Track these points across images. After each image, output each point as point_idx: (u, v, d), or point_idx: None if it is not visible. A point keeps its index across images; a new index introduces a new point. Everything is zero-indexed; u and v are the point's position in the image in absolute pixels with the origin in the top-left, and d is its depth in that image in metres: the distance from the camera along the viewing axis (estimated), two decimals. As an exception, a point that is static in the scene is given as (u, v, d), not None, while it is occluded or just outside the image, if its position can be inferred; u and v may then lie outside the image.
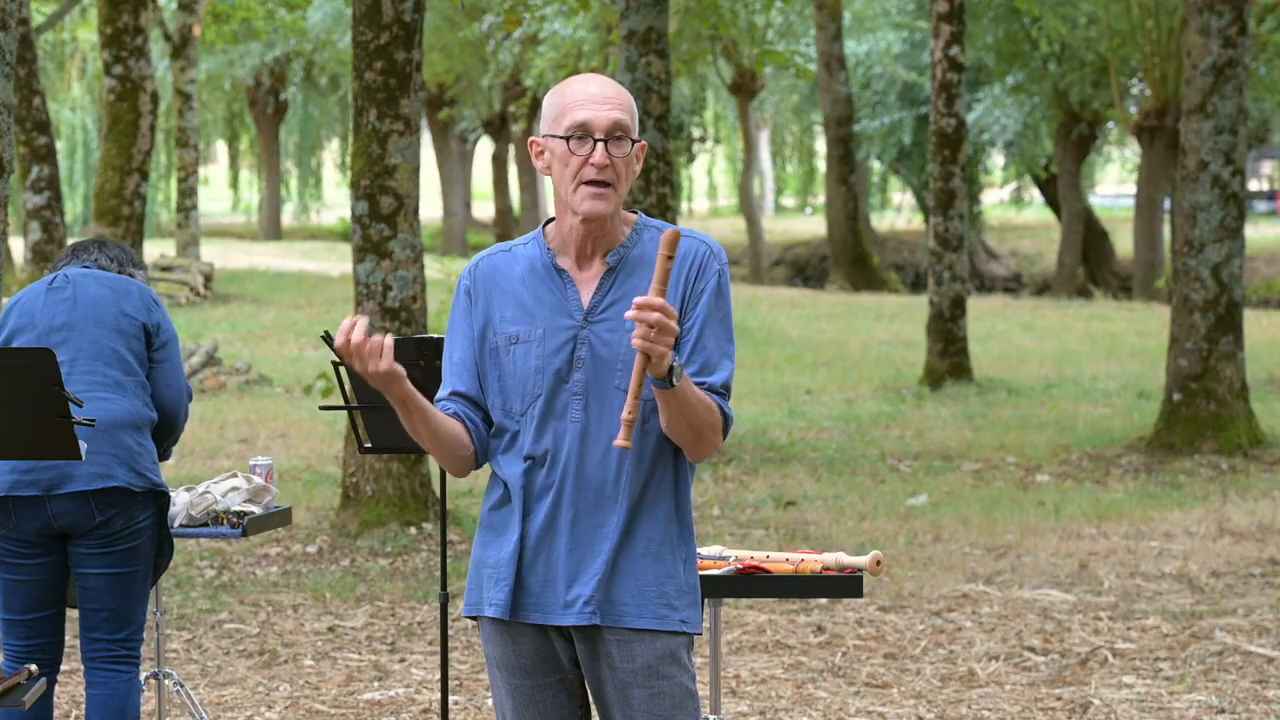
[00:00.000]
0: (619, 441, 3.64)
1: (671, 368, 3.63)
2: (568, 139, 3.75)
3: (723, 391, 3.79)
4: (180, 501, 5.91)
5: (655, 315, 3.56)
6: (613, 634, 3.79)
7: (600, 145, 3.74)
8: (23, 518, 5.38)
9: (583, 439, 3.77)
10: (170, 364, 5.58)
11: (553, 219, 3.87)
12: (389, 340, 3.70)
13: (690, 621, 3.84)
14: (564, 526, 3.78)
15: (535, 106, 38.89)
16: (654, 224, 3.87)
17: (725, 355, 3.80)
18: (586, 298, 3.80)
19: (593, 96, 3.76)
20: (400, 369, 3.73)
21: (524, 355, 3.80)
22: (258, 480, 6.02)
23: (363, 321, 3.69)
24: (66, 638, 5.80)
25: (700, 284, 3.77)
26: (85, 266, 5.67)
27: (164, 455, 5.68)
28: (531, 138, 3.87)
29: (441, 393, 3.89)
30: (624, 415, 3.64)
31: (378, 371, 3.69)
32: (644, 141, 3.85)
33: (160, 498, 5.51)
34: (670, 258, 3.61)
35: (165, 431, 5.61)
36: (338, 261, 33.27)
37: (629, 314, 3.58)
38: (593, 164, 3.74)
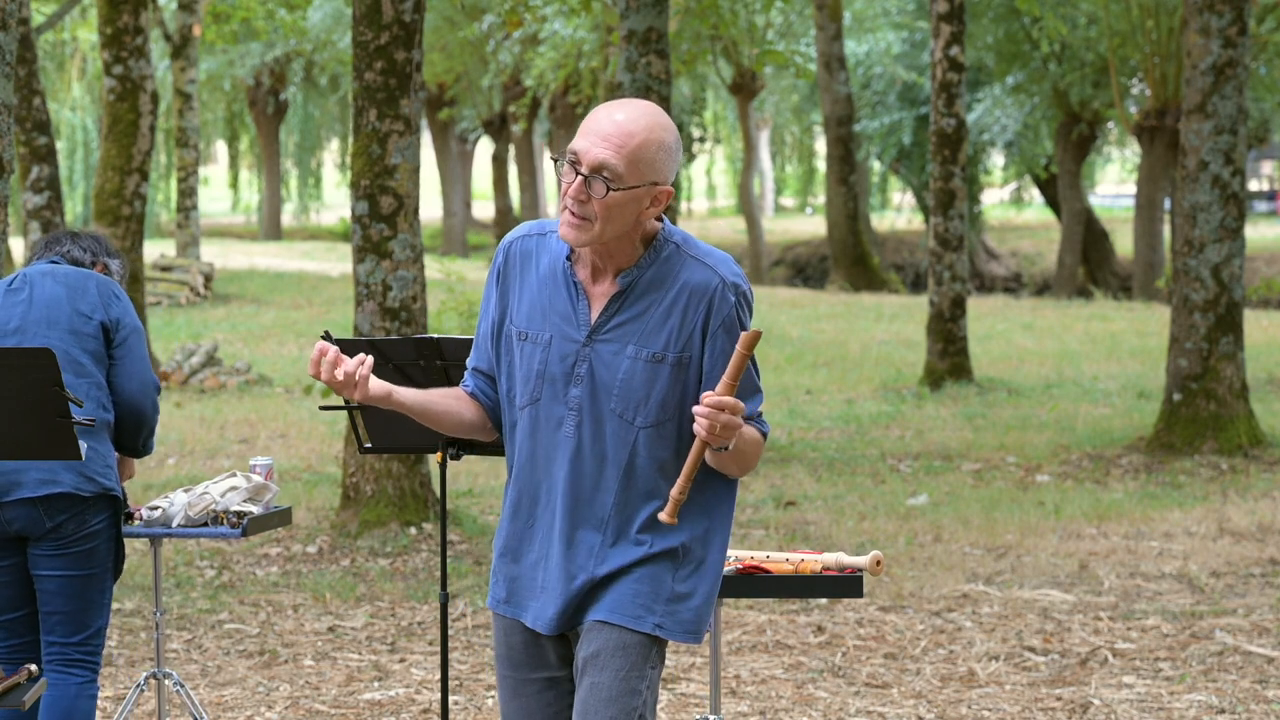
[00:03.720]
0: (664, 517, 3.68)
1: None
2: (562, 160, 3.74)
3: (756, 418, 3.81)
4: (179, 502, 5.90)
5: (725, 416, 3.59)
6: (585, 628, 3.79)
7: (580, 179, 3.70)
8: None
9: (575, 455, 3.78)
10: (131, 358, 5.51)
11: None
12: (365, 368, 3.71)
13: (665, 628, 3.78)
14: (557, 539, 3.80)
15: (535, 106, 38.92)
16: (676, 239, 3.81)
17: (754, 389, 3.81)
18: (595, 313, 3.80)
19: (600, 130, 3.70)
20: (383, 389, 3.76)
21: (530, 354, 3.83)
22: (257, 479, 6.01)
23: (331, 353, 3.70)
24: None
25: (714, 321, 3.76)
26: (53, 261, 5.61)
27: (143, 450, 5.63)
28: None
29: (468, 365, 3.99)
30: (674, 493, 3.65)
31: (357, 400, 3.76)
32: (664, 188, 3.74)
33: (114, 502, 5.47)
34: (747, 355, 3.61)
35: (134, 426, 5.55)
36: (338, 261, 33.27)
37: (698, 409, 3.60)
38: (569, 194, 3.72)
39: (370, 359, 3.72)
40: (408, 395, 3.83)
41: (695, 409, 3.61)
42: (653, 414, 3.75)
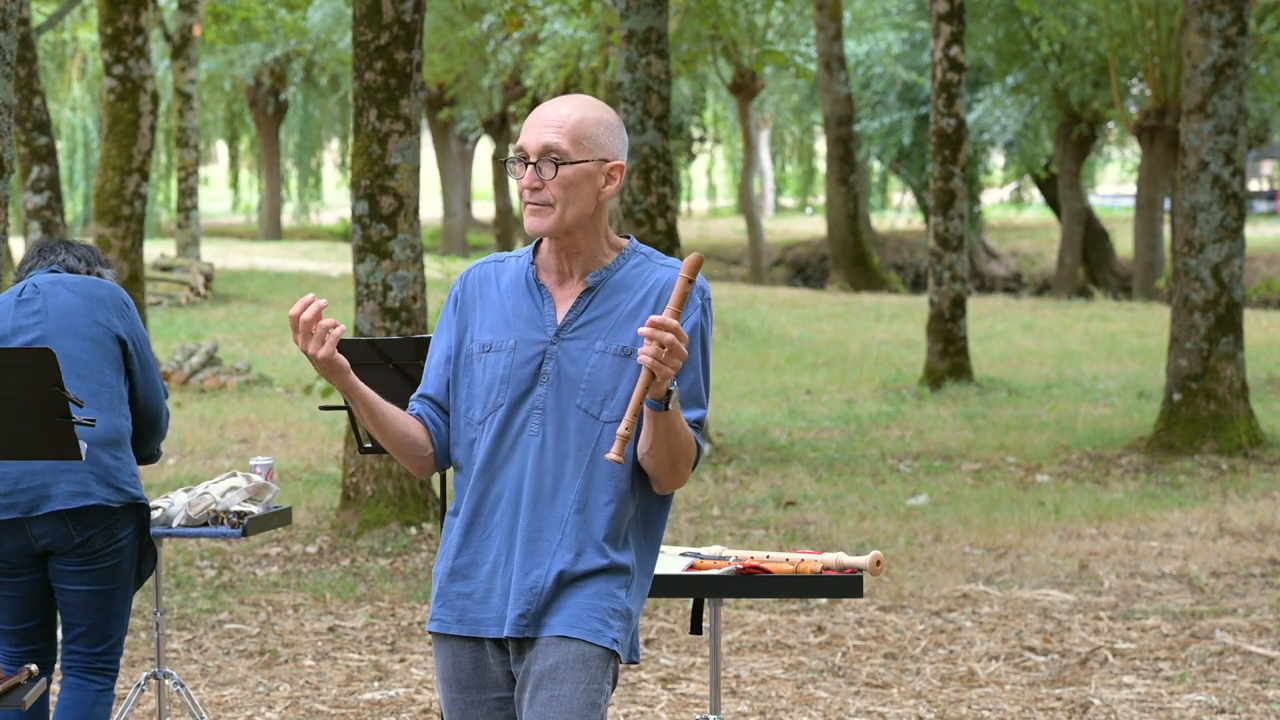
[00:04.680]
0: (611, 455, 3.65)
1: (669, 391, 3.66)
2: (513, 161, 3.82)
3: (695, 426, 3.80)
4: (179, 502, 5.90)
5: (669, 336, 3.58)
6: (541, 642, 3.77)
7: (530, 168, 3.78)
8: (2, 540, 5.34)
9: (540, 454, 3.78)
10: (147, 370, 5.51)
11: None
12: (337, 330, 3.73)
13: (620, 644, 3.80)
14: (520, 539, 3.78)
15: (535, 106, 38.89)
16: (644, 251, 3.89)
17: (701, 395, 3.83)
18: (561, 314, 3.83)
19: (539, 120, 3.81)
20: (343, 362, 3.76)
21: (494, 364, 3.83)
22: (257, 479, 6.01)
23: (320, 303, 3.72)
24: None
25: (681, 319, 3.76)
26: (52, 270, 5.59)
27: (154, 456, 5.64)
28: None
29: (415, 394, 3.96)
30: (620, 430, 3.64)
31: (315, 356, 3.73)
32: (615, 162, 3.82)
33: (141, 511, 5.46)
34: (691, 281, 3.64)
35: (149, 433, 5.56)
36: (338, 261, 33.27)
37: (642, 330, 3.60)
38: (524, 185, 3.80)
39: (342, 326, 3.74)
40: (363, 386, 3.83)
41: (640, 330, 3.61)
42: (618, 408, 3.76)
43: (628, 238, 3.92)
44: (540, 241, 3.90)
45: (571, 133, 3.78)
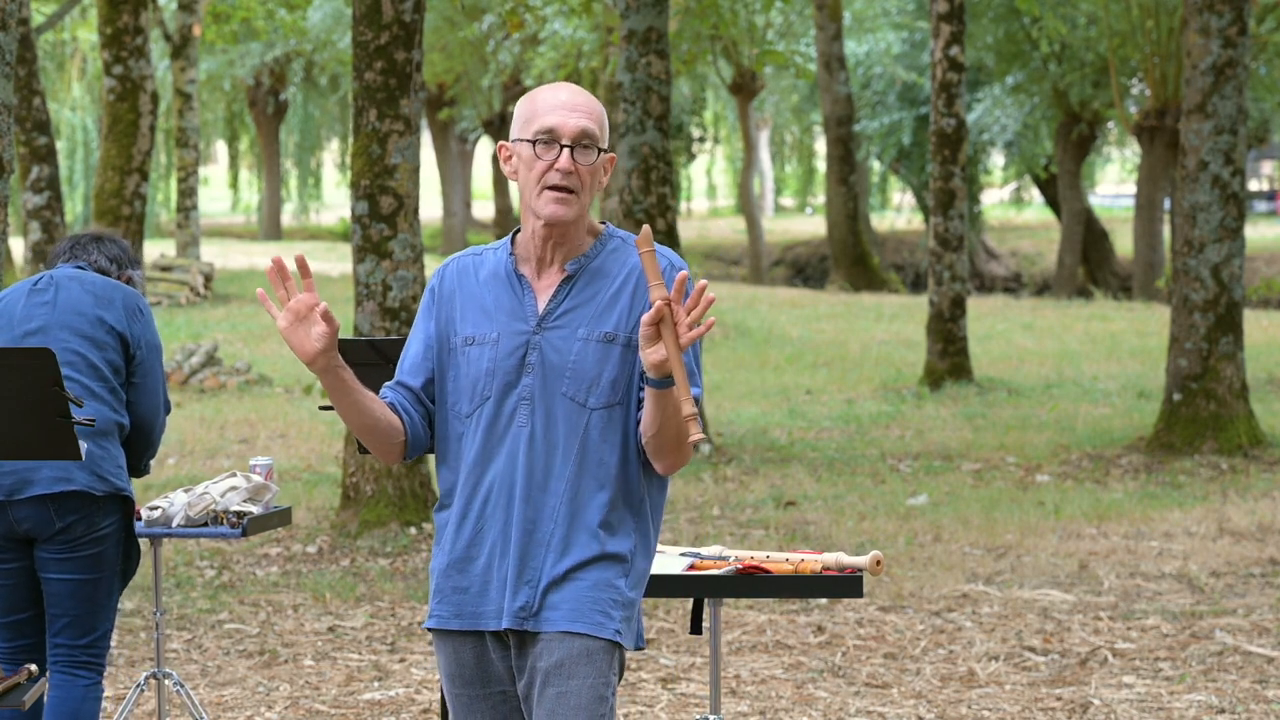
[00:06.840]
0: (694, 438, 3.65)
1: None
2: (535, 143, 3.77)
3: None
4: (179, 502, 5.89)
5: (680, 307, 3.62)
6: (544, 638, 3.77)
7: (566, 151, 3.75)
8: None
9: (529, 445, 3.77)
10: (148, 381, 5.50)
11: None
12: (327, 318, 3.71)
13: (624, 634, 3.80)
14: (512, 533, 3.78)
15: (535, 106, 38.82)
16: (619, 234, 3.89)
17: (695, 371, 3.80)
18: (543, 304, 3.82)
19: (563, 104, 3.79)
20: (334, 344, 3.71)
21: (478, 357, 3.82)
22: (257, 479, 6.01)
23: (308, 297, 3.71)
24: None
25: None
26: (79, 266, 5.60)
27: (143, 470, 5.63)
28: (501, 142, 3.88)
29: (390, 381, 3.94)
30: (686, 412, 3.62)
31: (317, 333, 3.69)
32: (613, 154, 3.85)
33: (125, 503, 5.45)
34: (651, 251, 3.66)
35: (142, 446, 5.55)
36: (338, 261, 33.26)
37: (645, 322, 3.61)
38: (557, 169, 3.76)
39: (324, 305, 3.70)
40: (345, 365, 3.80)
41: (645, 324, 3.61)
42: (604, 395, 3.76)
43: (604, 224, 3.91)
44: (517, 232, 3.89)
45: (599, 120, 3.81)
